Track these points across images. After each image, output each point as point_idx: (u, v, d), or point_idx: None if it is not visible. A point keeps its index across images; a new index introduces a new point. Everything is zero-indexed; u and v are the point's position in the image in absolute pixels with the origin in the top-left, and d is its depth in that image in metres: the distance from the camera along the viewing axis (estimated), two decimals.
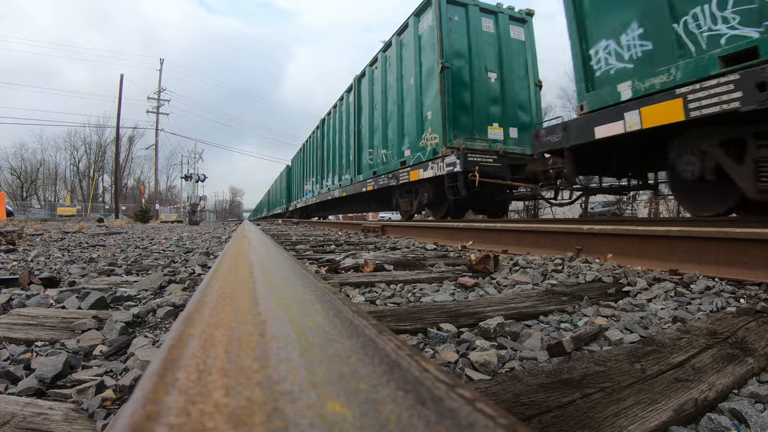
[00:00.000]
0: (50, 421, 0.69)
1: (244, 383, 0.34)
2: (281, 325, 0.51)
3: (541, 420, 0.65)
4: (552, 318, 1.32)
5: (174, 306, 1.43)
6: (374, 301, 1.61)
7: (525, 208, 16.40)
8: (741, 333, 1.05)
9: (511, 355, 0.99)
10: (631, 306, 1.42)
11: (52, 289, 1.78)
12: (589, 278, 1.89)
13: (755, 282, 1.68)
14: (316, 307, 0.61)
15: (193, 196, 24.39)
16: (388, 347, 0.42)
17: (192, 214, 21.42)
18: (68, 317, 1.30)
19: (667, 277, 1.86)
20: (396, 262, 2.47)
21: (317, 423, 0.28)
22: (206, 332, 0.47)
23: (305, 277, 0.89)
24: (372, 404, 0.31)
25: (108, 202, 42.04)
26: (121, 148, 37.59)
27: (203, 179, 27.31)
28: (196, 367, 0.37)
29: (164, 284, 1.93)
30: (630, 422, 0.65)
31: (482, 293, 1.72)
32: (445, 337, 1.11)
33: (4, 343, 1.09)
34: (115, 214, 26.99)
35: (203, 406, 0.30)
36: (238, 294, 0.68)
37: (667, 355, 0.90)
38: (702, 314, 1.31)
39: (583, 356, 0.95)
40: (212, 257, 3.08)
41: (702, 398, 0.72)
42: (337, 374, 0.36)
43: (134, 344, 1.07)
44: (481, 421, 0.28)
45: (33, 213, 34.41)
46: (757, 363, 0.88)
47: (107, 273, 2.34)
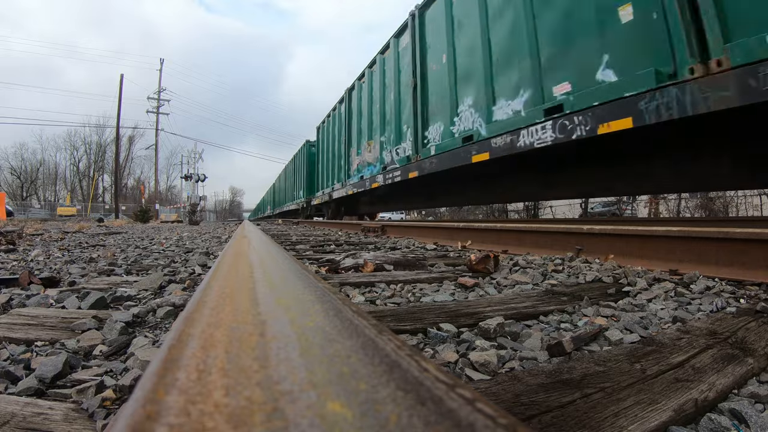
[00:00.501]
0: (50, 421, 0.69)
1: (244, 383, 0.34)
2: (281, 325, 0.51)
3: (541, 420, 0.65)
4: (552, 318, 1.32)
5: (174, 306, 1.43)
6: (374, 301, 1.61)
7: (525, 208, 16.40)
8: (741, 333, 1.05)
9: (511, 355, 0.99)
10: (631, 306, 1.42)
11: (52, 289, 1.78)
12: (589, 278, 1.88)
13: (755, 282, 1.68)
14: (316, 307, 0.61)
15: (193, 196, 24.39)
16: (388, 347, 0.42)
17: (192, 214, 21.40)
18: (68, 317, 1.29)
19: (667, 277, 1.86)
20: (396, 262, 2.47)
21: (317, 423, 0.28)
22: (206, 332, 0.47)
23: (305, 277, 0.89)
24: (372, 404, 0.31)
25: (108, 202, 42.06)
26: (121, 148, 37.62)
27: (203, 179, 27.32)
28: (196, 367, 0.37)
29: (164, 284, 1.92)
30: (630, 422, 0.65)
31: (482, 293, 1.72)
32: (445, 337, 1.11)
33: (4, 343, 1.09)
34: (115, 214, 26.99)
35: (203, 406, 0.30)
36: (238, 294, 0.68)
37: (667, 356, 0.90)
38: (702, 314, 1.31)
39: (583, 356, 0.95)
40: (212, 257, 3.08)
41: (702, 398, 0.72)
42: (337, 374, 0.36)
43: (134, 344, 1.07)
44: (481, 421, 0.28)
45: (33, 213, 34.41)
46: (757, 363, 0.88)
47: (107, 273, 2.34)
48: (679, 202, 12.95)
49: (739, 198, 12.08)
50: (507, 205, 16.56)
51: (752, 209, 12.03)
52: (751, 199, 12.07)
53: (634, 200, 15.68)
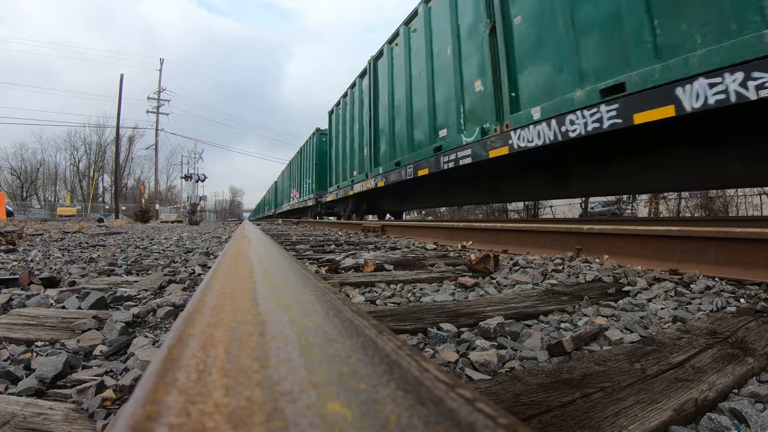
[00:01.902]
0: (50, 421, 0.69)
1: (244, 383, 0.34)
2: (281, 325, 0.51)
3: (542, 420, 0.65)
4: (552, 318, 1.32)
5: (174, 306, 1.43)
6: (374, 301, 1.61)
7: (525, 208, 16.38)
8: (741, 333, 1.05)
9: (511, 355, 0.99)
10: (631, 306, 1.42)
11: (52, 289, 1.78)
12: (589, 278, 1.88)
13: (755, 282, 1.68)
14: (316, 307, 0.61)
15: (193, 196, 24.40)
16: (388, 347, 0.42)
17: (192, 214, 21.40)
18: (68, 317, 1.29)
19: (667, 276, 1.86)
20: (396, 262, 2.47)
21: (317, 423, 0.28)
22: (206, 332, 0.47)
23: (305, 277, 0.89)
24: (372, 404, 0.31)
25: (108, 202, 42.05)
26: (121, 148, 37.62)
27: (203, 179, 27.33)
28: (196, 367, 0.37)
29: (164, 284, 1.92)
30: (630, 422, 0.65)
31: (482, 293, 1.72)
32: (445, 337, 1.11)
33: (4, 343, 1.09)
34: (115, 214, 26.99)
35: (203, 406, 0.30)
36: (238, 294, 0.68)
37: (667, 355, 0.90)
38: (702, 314, 1.31)
39: (583, 356, 0.95)
40: (212, 257, 3.08)
41: (702, 398, 0.72)
42: (337, 374, 0.36)
43: (134, 344, 1.07)
44: (481, 421, 0.28)
45: (33, 213, 34.39)
46: (757, 363, 0.88)
47: (107, 273, 2.34)
48: (679, 202, 12.94)
49: (739, 198, 12.07)
50: (507, 205, 16.53)
51: (752, 209, 12.02)
52: (751, 198, 12.06)
53: (634, 200, 15.67)
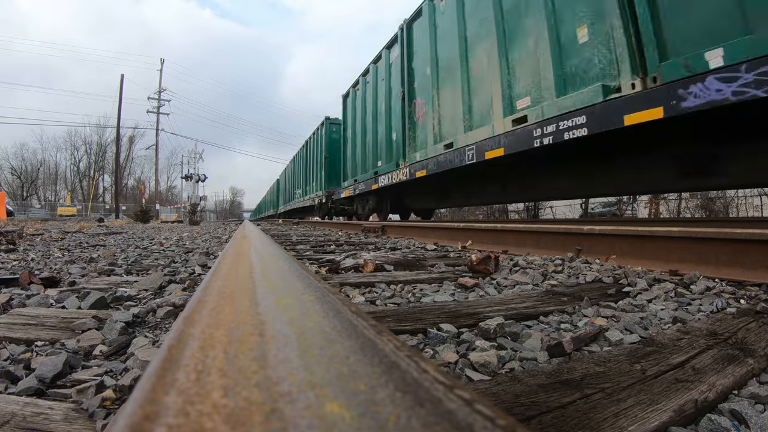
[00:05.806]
0: (50, 421, 0.69)
1: (243, 384, 0.34)
2: (280, 325, 0.51)
3: (541, 420, 0.65)
4: (552, 318, 1.32)
5: (174, 306, 1.43)
6: (374, 301, 1.61)
7: (525, 208, 16.38)
8: (741, 334, 1.05)
9: (511, 356, 0.99)
10: (631, 306, 1.42)
11: (52, 289, 1.78)
12: (590, 279, 1.88)
13: (755, 283, 1.68)
14: (316, 307, 0.61)
15: (194, 196, 24.39)
16: (387, 348, 0.42)
17: (192, 214, 21.38)
18: (68, 317, 1.29)
19: (668, 277, 1.85)
20: (396, 262, 2.47)
21: (316, 424, 0.28)
22: (206, 332, 0.47)
23: (305, 277, 0.89)
24: (370, 405, 0.31)
25: (108, 202, 42.12)
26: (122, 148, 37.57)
27: (203, 179, 27.31)
28: (195, 367, 0.37)
29: (164, 284, 1.92)
30: (630, 423, 0.65)
31: (482, 293, 1.72)
32: (444, 338, 1.11)
33: (4, 343, 1.09)
34: (116, 214, 27.00)
35: (202, 406, 0.30)
36: (238, 294, 0.68)
37: (667, 356, 0.90)
38: (702, 315, 1.31)
39: (583, 357, 0.95)
40: (212, 257, 3.08)
41: (702, 399, 0.72)
42: (336, 375, 0.36)
43: (134, 344, 1.07)
44: (480, 422, 0.28)
45: (33, 213, 34.44)
46: (757, 364, 0.88)
47: (107, 273, 2.34)
48: (680, 203, 12.94)
49: (739, 198, 12.07)
50: (507, 205, 16.55)
51: (752, 210, 12.01)
52: (751, 199, 12.05)
53: (634, 200, 15.65)
